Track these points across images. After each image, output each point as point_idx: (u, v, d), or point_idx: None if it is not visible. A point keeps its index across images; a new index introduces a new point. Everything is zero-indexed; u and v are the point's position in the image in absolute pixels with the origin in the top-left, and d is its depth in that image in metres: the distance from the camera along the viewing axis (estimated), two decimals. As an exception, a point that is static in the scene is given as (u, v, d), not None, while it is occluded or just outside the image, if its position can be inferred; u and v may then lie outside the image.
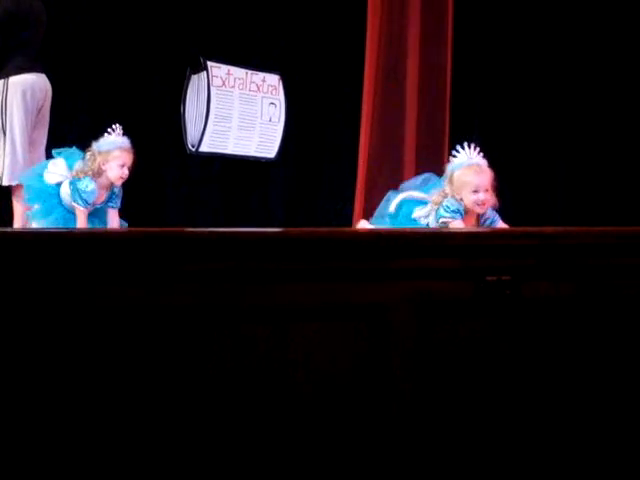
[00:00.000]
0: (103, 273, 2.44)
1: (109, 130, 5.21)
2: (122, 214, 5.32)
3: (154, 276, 2.46)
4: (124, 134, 5.24)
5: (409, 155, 6.51)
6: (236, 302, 2.51)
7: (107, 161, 5.14)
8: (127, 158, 5.21)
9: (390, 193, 5.05)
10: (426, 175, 5.08)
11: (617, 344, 2.68)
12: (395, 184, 6.27)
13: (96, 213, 5.24)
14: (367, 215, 5.89)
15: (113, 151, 5.17)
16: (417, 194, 4.99)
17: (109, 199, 5.26)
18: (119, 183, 5.22)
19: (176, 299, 2.47)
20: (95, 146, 5.19)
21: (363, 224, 5.33)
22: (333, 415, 2.55)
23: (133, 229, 2.69)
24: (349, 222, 6.31)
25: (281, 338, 2.52)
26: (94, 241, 2.49)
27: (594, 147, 6.90)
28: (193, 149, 6.58)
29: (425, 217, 4.78)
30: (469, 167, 4.68)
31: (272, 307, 2.52)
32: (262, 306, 2.52)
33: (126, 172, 5.20)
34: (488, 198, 4.63)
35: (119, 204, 5.30)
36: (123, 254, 2.46)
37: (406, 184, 5.26)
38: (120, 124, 5.27)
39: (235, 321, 2.51)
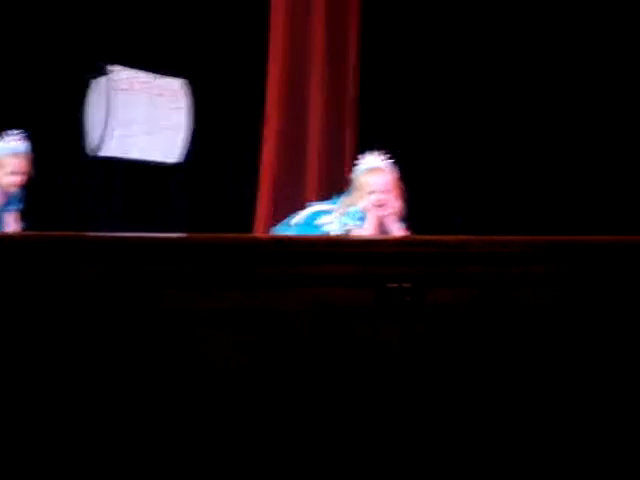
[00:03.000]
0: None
1: (3, 135, 5.09)
2: (22, 218, 5.21)
3: (54, 280, 2.43)
4: (20, 139, 5.13)
5: (312, 162, 6.51)
6: (138, 307, 2.49)
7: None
8: (18, 165, 5.05)
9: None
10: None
11: (516, 351, 2.72)
12: (299, 191, 6.29)
13: None
14: (271, 220, 5.89)
15: (2, 159, 5.07)
16: (324, 206, 5.02)
17: (8, 204, 5.14)
18: (12, 190, 5.09)
19: (78, 303, 2.45)
20: None
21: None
22: (234, 416, 2.55)
23: (32, 233, 2.65)
24: (251, 228, 6.30)
25: (185, 342, 2.51)
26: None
27: (494, 160, 6.99)
28: (94, 153, 6.50)
29: (329, 224, 4.79)
30: (370, 169, 4.74)
31: (174, 312, 2.51)
32: (164, 310, 2.51)
33: (18, 179, 5.05)
34: (387, 199, 4.65)
35: (17, 207, 5.16)
36: (23, 257, 2.43)
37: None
38: (21, 129, 5.16)
39: (136, 326, 2.49)
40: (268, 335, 2.55)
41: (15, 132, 5.10)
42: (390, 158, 4.82)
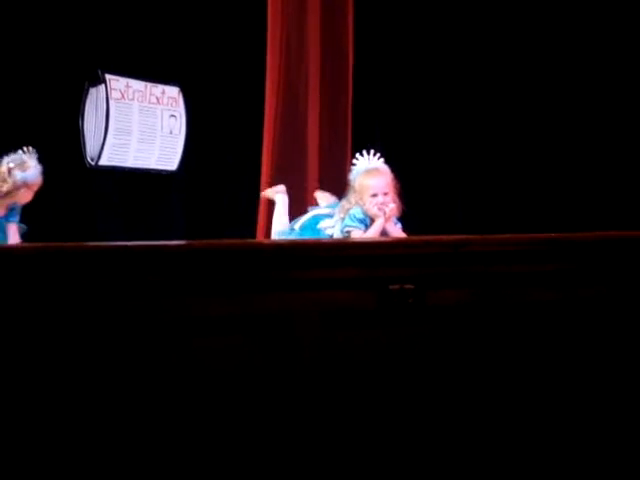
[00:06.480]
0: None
1: (25, 150, 5.15)
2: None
3: (54, 290, 2.42)
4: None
5: (312, 167, 6.52)
6: (140, 315, 2.48)
7: (26, 190, 5.15)
8: (39, 185, 5.24)
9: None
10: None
11: (520, 350, 2.71)
12: (298, 200, 6.28)
13: None
14: (269, 228, 5.88)
15: (34, 184, 5.18)
16: (325, 210, 5.03)
17: (9, 214, 5.19)
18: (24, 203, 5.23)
19: (78, 312, 2.43)
20: (19, 176, 5.11)
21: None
22: (237, 425, 2.54)
23: (32, 244, 2.64)
24: (252, 234, 6.29)
25: (186, 349, 2.50)
26: None
27: (493, 157, 7.00)
28: (92, 163, 6.50)
29: (331, 227, 4.80)
30: (368, 172, 4.73)
31: (177, 319, 2.50)
32: (167, 317, 2.49)
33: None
34: (387, 200, 4.65)
35: (17, 218, 5.24)
36: (23, 268, 2.42)
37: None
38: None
39: (139, 334, 2.48)
40: (271, 340, 2.54)
41: (32, 150, 5.18)
42: (388, 158, 4.82)
